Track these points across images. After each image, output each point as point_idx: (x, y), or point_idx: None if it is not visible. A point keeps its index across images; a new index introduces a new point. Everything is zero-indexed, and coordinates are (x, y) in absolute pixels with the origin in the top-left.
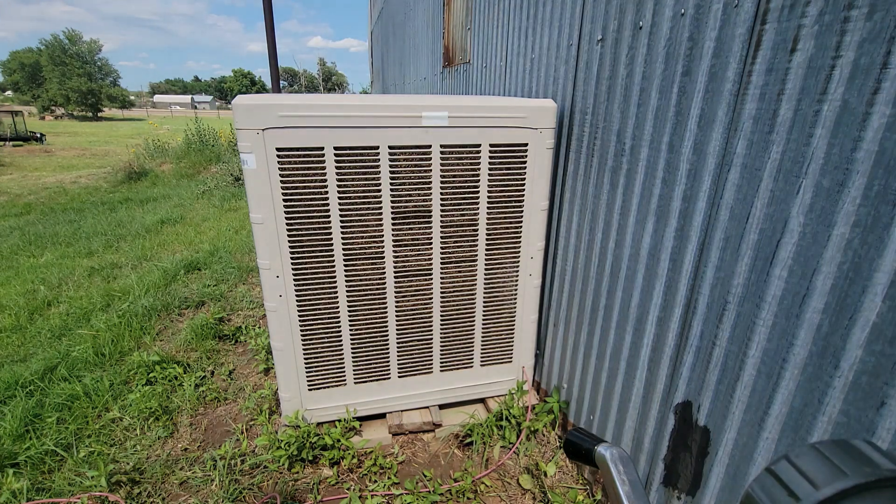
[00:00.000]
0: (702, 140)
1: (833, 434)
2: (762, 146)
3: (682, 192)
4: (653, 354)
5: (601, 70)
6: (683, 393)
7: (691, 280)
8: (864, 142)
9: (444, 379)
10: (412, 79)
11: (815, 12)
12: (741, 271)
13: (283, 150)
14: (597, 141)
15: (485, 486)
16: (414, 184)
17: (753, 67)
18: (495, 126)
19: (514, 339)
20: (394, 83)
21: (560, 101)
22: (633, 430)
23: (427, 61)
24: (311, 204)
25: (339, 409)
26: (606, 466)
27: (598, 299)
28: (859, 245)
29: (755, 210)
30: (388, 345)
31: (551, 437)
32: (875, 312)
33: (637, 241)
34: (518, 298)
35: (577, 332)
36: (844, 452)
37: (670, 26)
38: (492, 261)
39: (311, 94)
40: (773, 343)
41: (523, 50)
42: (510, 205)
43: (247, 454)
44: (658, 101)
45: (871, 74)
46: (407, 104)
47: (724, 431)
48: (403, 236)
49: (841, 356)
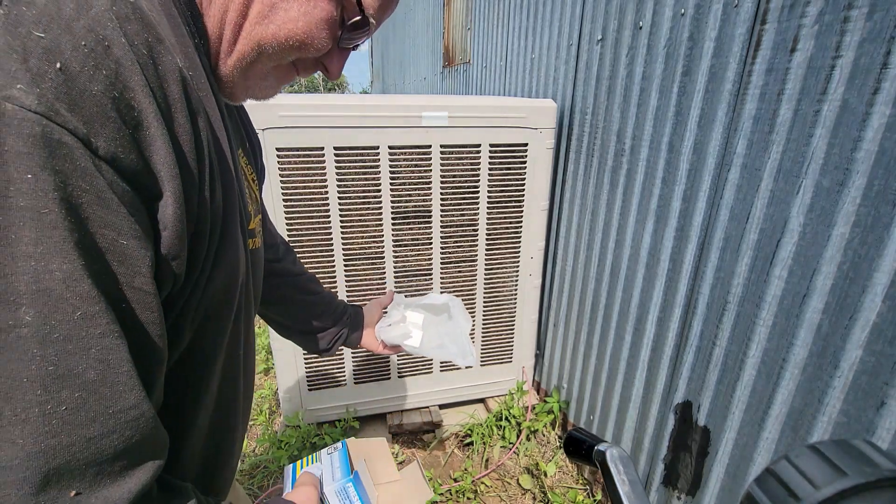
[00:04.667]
0: (702, 140)
1: (833, 434)
2: (762, 146)
3: (681, 191)
4: (653, 354)
5: (601, 70)
6: (683, 393)
7: (691, 280)
8: (864, 142)
9: (444, 379)
10: (412, 79)
11: (815, 12)
12: (741, 271)
13: (282, 150)
14: (597, 141)
15: (485, 486)
16: (414, 184)
17: (753, 67)
18: (495, 126)
19: (514, 339)
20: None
21: (560, 101)
22: (633, 430)
23: (427, 61)
24: (311, 204)
25: (339, 410)
26: (606, 466)
27: (598, 299)
28: (859, 245)
29: (755, 210)
30: None
31: (551, 437)
32: (875, 312)
33: (637, 241)
34: (518, 298)
35: (577, 332)
36: (844, 452)
37: (670, 26)
38: (492, 261)
39: (310, 94)
40: (773, 343)
41: (523, 50)
42: (510, 205)
43: (247, 454)
44: (658, 101)
45: (871, 74)
46: (407, 104)
47: (724, 431)
48: (403, 236)
49: (841, 356)
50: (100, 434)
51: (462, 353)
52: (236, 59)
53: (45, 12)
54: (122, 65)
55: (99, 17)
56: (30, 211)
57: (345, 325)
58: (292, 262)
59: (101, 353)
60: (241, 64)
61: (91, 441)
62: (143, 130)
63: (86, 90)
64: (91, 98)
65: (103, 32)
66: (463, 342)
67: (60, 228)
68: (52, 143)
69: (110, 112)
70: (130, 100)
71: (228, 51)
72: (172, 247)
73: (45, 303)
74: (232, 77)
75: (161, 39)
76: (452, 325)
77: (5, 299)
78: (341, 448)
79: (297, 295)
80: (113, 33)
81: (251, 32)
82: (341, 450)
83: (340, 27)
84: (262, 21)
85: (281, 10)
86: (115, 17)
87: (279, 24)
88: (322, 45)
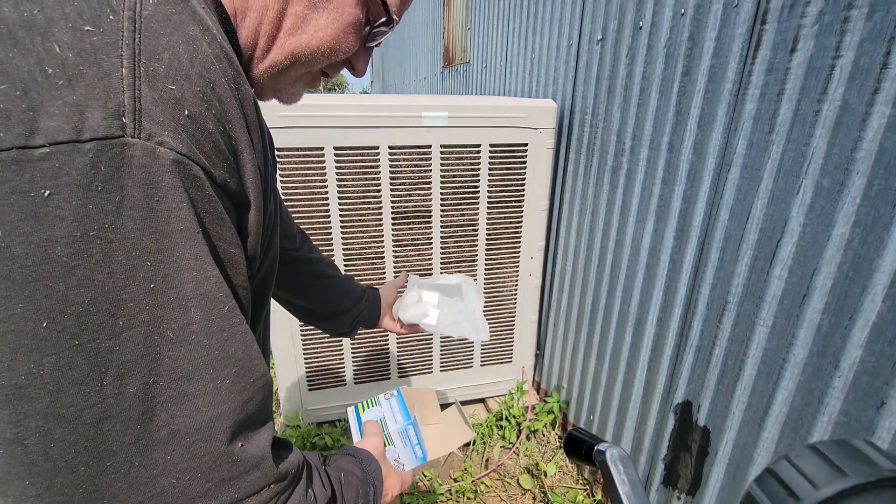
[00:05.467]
0: (702, 140)
1: (833, 434)
2: (762, 146)
3: (681, 191)
4: (653, 354)
5: (601, 70)
6: (683, 393)
7: (691, 280)
8: (864, 142)
9: (444, 379)
10: (412, 79)
11: (815, 12)
12: (741, 271)
13: (283, 150)
14: (597, 141)
15: (485, 486)
16: (414, 184)
17: (753, 67)
18: (495, 126)
19: (514, 339)
20: (394, 83)
21: (560, 101)
22: (633, 430)
23: (427, 61)
24: (311, 204)
25: (339, 409)
26: (606, 466)
27: (598, 299)
28: (859, 245)
29: (755, 210)
30: (388, 344)
31: (551, 437)
32: (875, 312)
33: (637, 241)
34: (518, 298)
35: (577, 332)
36: (844, 452)
37: (670, 26)
38: (492, 261)
39: (310, 94)
40: (773, 343)
41: (523, 50)
42: (510, 205)
43: None
44: (658, 101)
45: (871, 74)
46: (407, 104)
47: (724, 431)
48: (403, 236)
49: (841, 356)
50: (248, 398)
51: (475, 329)
52: (268, 65)
53: (172, 66)
54: (224, 101)
55: (204, 61)
56: (186, 232)
57: (364, 306)
58: (309, 250)
59: (242, 337)
60: (272, 70)
61: (245, 404)
62: (238, 155)
63: (205, 129)
64: (209, 136)
65: (209, 75)
66: (475, 319)
67: (204, 244)
68: (191, 176)
69: (221, 146)
70: (230, 131)
71: (262, 57)
72: (253, 249)
73: (206, 303)
74: (262, 80)
75: (240, 71)
76: (465, 304)
77: (178, 304)
78: (397, 395)
79: (318, 280)
80: (215, 74)
81: (285, 43)
82: (398, 396)
83: (366, 27)
84: (295, 32)
85: (312, 20)
86: (214, 58)
87: (311, 33)
88: (350, 48)
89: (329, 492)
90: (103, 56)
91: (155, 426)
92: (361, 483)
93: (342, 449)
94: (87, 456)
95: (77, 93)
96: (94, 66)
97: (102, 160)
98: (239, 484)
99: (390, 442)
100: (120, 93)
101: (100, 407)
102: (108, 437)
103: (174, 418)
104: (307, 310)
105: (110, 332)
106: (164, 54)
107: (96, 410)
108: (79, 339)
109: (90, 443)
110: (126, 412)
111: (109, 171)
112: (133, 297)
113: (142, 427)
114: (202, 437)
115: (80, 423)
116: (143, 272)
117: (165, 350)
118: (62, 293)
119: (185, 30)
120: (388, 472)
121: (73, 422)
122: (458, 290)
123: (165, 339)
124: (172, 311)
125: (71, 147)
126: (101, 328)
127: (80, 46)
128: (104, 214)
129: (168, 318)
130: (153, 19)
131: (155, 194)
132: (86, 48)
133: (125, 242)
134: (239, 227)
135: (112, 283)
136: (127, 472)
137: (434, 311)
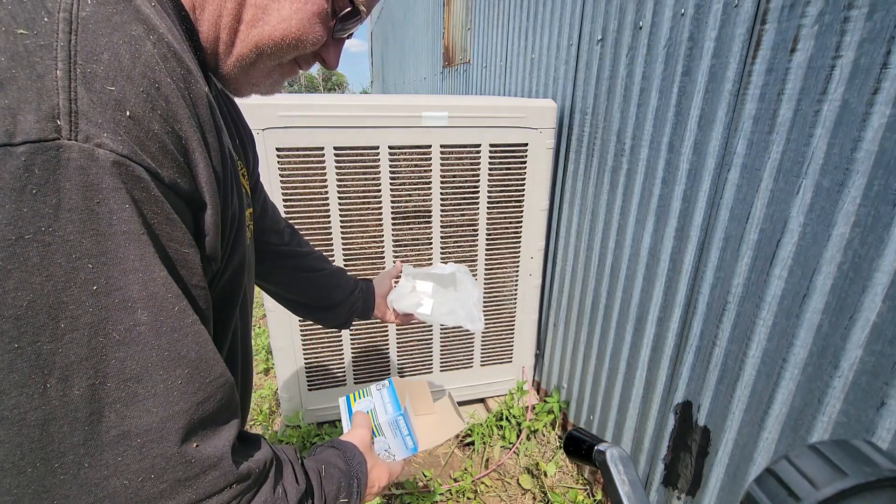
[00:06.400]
0: (702, 140)
1: (833, 434)
2: (762, 146)
3: (681, 192)
4: (653, 354)
5: (601, 70)
6: (683, 393)
7: (691, 280)
8: (864, 142)
9: (444, 378)
10: (412, 79)
11: (814, 12)
12: (741, 271)
13: (282, 150)
14: (597, 141)
15: (485, 486)
16: (414, 184)
17: (753, 67)
18: (495, 126)
19: (514, 339)
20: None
21: (560, 101)
22: (633, 430)
23: (427, 61)
24: (311, 204)
25: (339, 410)
26: (606, 466)
27: (598, 299)
28: (859, 245)
29: (755, 210)
30: (388, 344)
31: (551, 437)
32: (875, 312)
33: (637, 241)
34: (518, 298)
35: (577, 332)
36: (844, 452)
37: (670, 26)
38: (492, 261)
39: (310, 94)
40: (773, 343)
41: (523, 50)
42: (510, 205)
43: None
44: (658, 101)
45: (871, 74)
46: (407, 104)
47: (724, 431)
48: (403, 236)
49: (841, 356)
50: (204, 398)
51: (470, 318)
52: (235, 59)
53: (111, 66)
54: (171, 101)
55: (148, 61)
56: (130, 234)
57: (357, 298)
58: (298, 244)
59: (195, 337)
60: (240, 64)
61: (200, 405)
62: (190, 155)
63: (150, 130)
64: (154, 137)
65: (153, 76)
66: (471, 308)
67: (150, 245)
68: (134, 178)
69: (169, 146)
70: (179, 131)
71: (227, 52)
72: (212, 248)
73: (154, 304)
74: (233, 75)
75: (190, 70)
76: (460, 292)
77: (124, 305)
78: (389, 386)
79: (308, 274)
80: (160, 74)
81: (247, 35)
82: (389, 387)
83: (332, 18)
84: (256, 24)
85: (273, 10)
86: (160, 58)
87: (273, 24)
88: (317, 39)
89: (303, 486)
90: (37, 58)
91: (104, 427)
92: (344, 475)
93: (327, 441)
94: (33, 457)
95: (9, 96)
96: (28, 69)
97: (36, 163)
98: (196, 485)
99: (381, 433)
100: (54, 95)
101: (44, 409)
102: (56, 438)
103: (124, 419)
104: (299, 303)
105: (52, 335)
106: (102, 55)
107: (41, 412)
108: (18, 342)
109: (36, 444)
110: (73, 414)
111: (44, 173)
112: (75, 300)
113: (90, 428)
114: (154, 437)
115: (24, 424)
116: (85, 274)
117: (112, 351)
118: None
119: (127, 30)
120: (375, 464)
121: (17, 424)
122: (453, 279)
123: (111, 341)
124: (118, 313)
125: (3, 151)
126: (42, 331)
127: (12, 50)
128: (40, 217)
129: (113, 319)
130: (91, 20)
131: (95, 196)
132: (19, 51)
133: (64, 245)
134: (195, 228)
135: (51, 285)
136: (77, 473)
137: (428, 300)
